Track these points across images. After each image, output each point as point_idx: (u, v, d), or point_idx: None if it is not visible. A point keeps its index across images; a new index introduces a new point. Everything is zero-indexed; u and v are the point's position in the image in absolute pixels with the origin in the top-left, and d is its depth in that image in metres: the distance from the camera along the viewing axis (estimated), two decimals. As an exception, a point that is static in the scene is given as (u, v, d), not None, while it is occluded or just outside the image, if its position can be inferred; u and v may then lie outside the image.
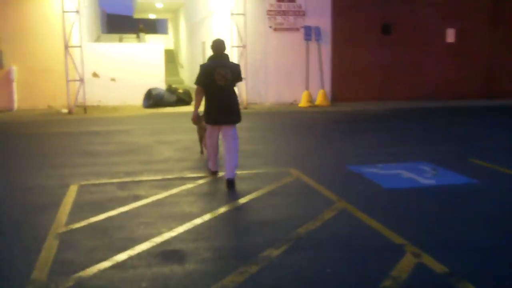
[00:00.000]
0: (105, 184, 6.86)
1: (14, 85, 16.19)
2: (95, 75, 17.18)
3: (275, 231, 4.99)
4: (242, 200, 6.03)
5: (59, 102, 16.07)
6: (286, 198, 6.22)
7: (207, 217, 5.42)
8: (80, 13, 16.01)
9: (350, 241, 4.77)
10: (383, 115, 14.75)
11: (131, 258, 4.36)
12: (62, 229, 5.08)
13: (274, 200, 6.11)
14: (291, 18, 17.36)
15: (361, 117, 14.28)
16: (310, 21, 17.39)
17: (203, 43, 23.46)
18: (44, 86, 16.40)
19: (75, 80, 15.30)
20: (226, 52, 6.81)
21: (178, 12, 34.95)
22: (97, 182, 6.98)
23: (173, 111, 15.29)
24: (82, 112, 15.22)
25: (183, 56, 32.30)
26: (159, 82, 17.61)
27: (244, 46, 16.22)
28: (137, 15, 40.51)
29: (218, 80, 6.50)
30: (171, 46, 40.91)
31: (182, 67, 33.12)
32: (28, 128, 12.55)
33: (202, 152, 8.72)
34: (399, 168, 7.79)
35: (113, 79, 17.34)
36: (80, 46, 15.11)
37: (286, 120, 13.69)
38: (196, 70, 7.02)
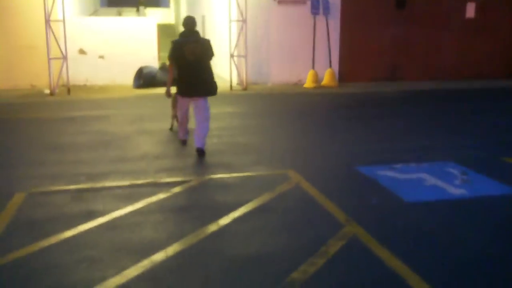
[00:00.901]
0: (58, 192, 5.55)
1: (-6, 62, 14.84)
2: (82, 52, 15.75)
3: (261, 277, 3.67)
4: (224, 221, 4.70)
5: (43, 81, 14.62)
6: (281, 217, 4.87)
7: (173, 249, 4.10)
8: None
9: (364, 295, 3.45)
10: (397, 98, 13.30)
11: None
12: (-24, 269, 3.80)
13: (265, 220, 4.77)
14: (296, -10, 15.77)
15: (372, 101, 12.84)
16: (317, -7, 15.80)
17: (203, 17, 21.92)
18: (27, 64, 15.00)
19: (57, 58, 13.89)
20: (197, 29, 7.23)
21: (179, -16, 33.22)
22: (49, 189, 5.67)
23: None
24: (65, 93, 13.86)
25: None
26: (152, 60, 16.17)
27: (244, 21, 14.70)
28: (137, -13, 38.76)
29: (188, 55, 6.85)
30: (172, 21, 39.30)
31: (183, 42, 31.54)
32: (4, 112, 11.23)
33: (171, 128, 8.76)
34: (420, 171, 6.42)
35: (101, 57, 15.90)
36: (62, 21, 13.62)
37: (288, 104, 12.28)
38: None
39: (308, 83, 15.41)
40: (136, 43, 16.05)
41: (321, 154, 7.29)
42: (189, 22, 7.00)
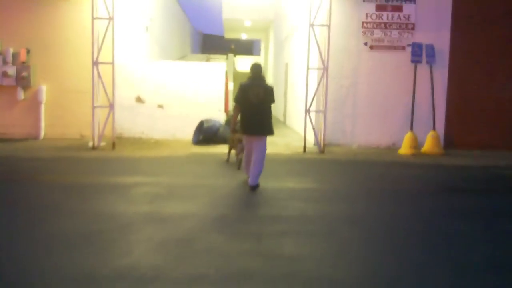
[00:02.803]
0: None
1: (42, 108, 13.33)
2: (139, 100, 13.87)
3: None
4: None
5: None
6: None
7: None
8: (137, 26, 12.84)
9: None
10: (528, 177, 9.76)
11: None
12: None
13: None
14: (394, 33, 12.92)
15: (492, 181, 9.41)
16: (420, 37, 12.83)
17: (286, 64, 19.61)
18: (77, 110, 13.37)
19: (103, 106, 11.99)
20: (263, 74, 7.96)
21: (268, 31, 31.66)
22: None
23: (224, 152, 11.24)
24: (110, 147, 11.85)
25: (270, 78, 28.72)
26: (218, 112, 13.91)
27: (325, 68, 12.01)
28: (228, 35, 37.90)
29: (252, 97, 7.60)
30: (260, 68, 37.67)
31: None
32: (22, 170, 9.30)
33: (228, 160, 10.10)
34: None
35: (160, 106, 13.91)
36: (111, 63, 11.72)
37: (375, 179, 9.22)
38: (277, 95, 7.01)
39: (405, 149, 12.24)
40: (201, 91, 13.92)
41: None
42: (255, 68, 7.81)
